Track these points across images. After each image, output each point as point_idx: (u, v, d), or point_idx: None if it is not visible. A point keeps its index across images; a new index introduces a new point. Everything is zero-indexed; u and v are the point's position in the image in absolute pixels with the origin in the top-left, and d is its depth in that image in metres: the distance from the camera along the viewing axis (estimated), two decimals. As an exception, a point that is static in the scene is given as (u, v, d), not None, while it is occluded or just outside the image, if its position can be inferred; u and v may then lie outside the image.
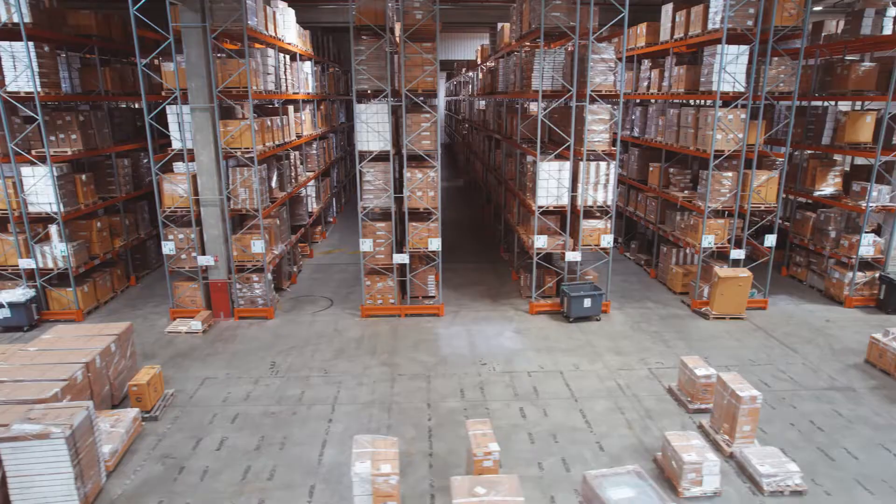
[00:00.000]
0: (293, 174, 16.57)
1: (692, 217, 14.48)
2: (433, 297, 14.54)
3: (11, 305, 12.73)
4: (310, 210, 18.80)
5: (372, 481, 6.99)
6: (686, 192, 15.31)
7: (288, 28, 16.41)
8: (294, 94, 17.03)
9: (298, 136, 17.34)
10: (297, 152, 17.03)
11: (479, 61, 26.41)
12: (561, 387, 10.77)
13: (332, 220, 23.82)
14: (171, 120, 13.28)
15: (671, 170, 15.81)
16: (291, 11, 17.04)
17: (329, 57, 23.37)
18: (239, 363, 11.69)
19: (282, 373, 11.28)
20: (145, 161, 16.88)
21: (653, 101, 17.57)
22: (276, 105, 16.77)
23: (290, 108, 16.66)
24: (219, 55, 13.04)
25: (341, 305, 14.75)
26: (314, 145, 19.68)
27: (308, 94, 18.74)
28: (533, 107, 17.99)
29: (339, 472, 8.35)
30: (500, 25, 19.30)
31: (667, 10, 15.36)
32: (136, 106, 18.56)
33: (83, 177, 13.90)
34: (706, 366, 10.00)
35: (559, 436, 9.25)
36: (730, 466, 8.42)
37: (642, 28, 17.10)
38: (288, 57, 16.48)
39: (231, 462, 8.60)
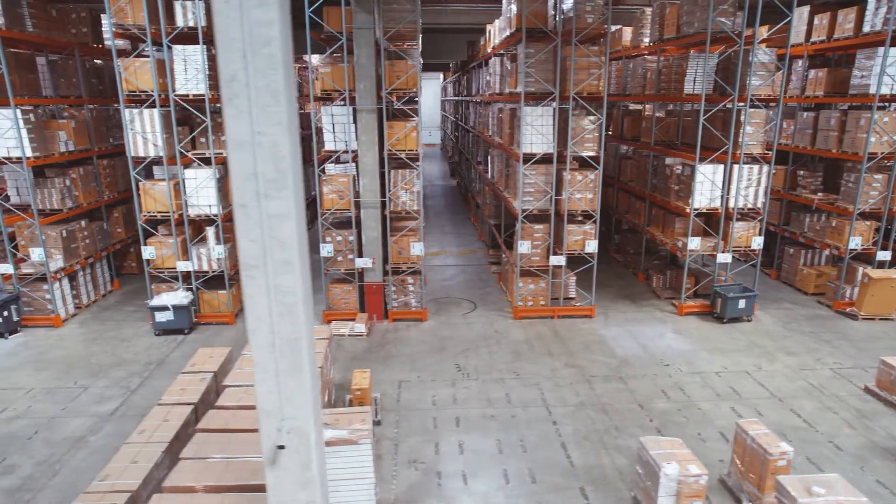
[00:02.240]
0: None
1: (833, 219, 14.60)
2: (573, 298, 14.60)
3: (175, 308, 12.63)
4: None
5: (680, 481, 7.04)
6: (819, 194, 15.44)
7: (414, 30, 16.39)
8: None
9: (418, 138, 17.32)
10: (418, 154, 17.00)
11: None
12: (756, 387, 10.85)
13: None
14: (326, 121, 13.23)
15: (800, 172, 15.94)
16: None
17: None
18: (422, 366, 11.67)
19: (472, 375, 11.28)
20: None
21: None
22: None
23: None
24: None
25: (485, 307, 14.75)
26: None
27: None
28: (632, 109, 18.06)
29: (597, 474, 8.37)
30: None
31: (801, 12, 15.48)
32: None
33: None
34: (913, 366, 10.12)
35: (788, 435, 9.33)
36: (980, 465, 8.54)
37: (763, 31, 17.17)
38: (419, 58, 16.48)
39: (482, 465, 8.59)
